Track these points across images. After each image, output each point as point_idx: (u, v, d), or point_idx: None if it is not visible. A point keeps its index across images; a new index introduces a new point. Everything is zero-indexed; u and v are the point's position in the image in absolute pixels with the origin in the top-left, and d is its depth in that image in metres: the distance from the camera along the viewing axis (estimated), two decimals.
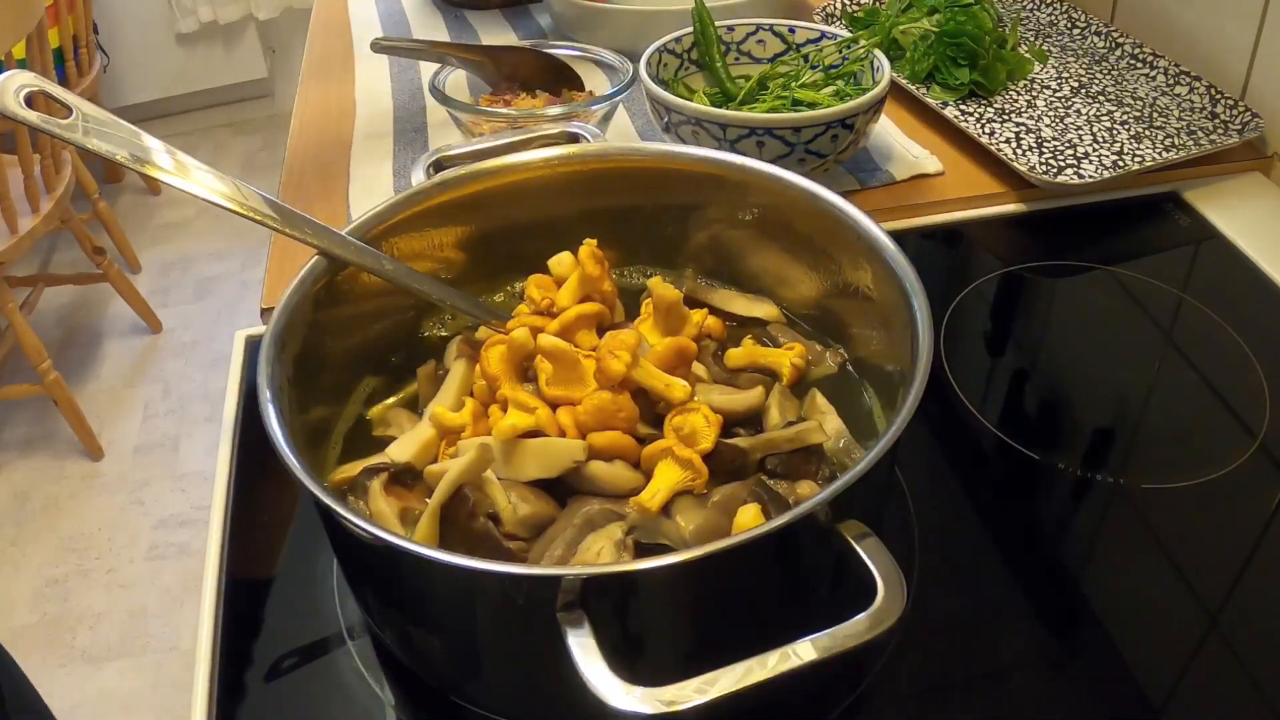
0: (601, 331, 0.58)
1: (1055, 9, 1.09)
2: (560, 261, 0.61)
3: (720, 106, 0.86)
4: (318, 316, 0.55)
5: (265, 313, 0.77)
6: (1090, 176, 0.83)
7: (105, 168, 2.80)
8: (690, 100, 0.81)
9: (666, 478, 0.50)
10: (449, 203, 0.62)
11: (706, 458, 0.51)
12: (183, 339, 2.39)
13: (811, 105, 0.83)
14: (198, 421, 2.16)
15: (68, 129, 0.49)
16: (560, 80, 0.96)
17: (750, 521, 0.48)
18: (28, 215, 1.93)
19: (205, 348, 2.36)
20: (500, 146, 0.67)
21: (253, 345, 0.74)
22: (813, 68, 0.88)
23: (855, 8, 1.10)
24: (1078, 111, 0.92)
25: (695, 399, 0.54)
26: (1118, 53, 1.00)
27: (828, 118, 0.76)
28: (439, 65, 0.94)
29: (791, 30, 0.91)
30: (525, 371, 0.56)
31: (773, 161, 0.66)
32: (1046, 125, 0.90)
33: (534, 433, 0.52)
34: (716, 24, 0.91)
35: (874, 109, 0.79)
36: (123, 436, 2.12)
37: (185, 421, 2.16)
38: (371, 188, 0.89)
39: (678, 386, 0.53)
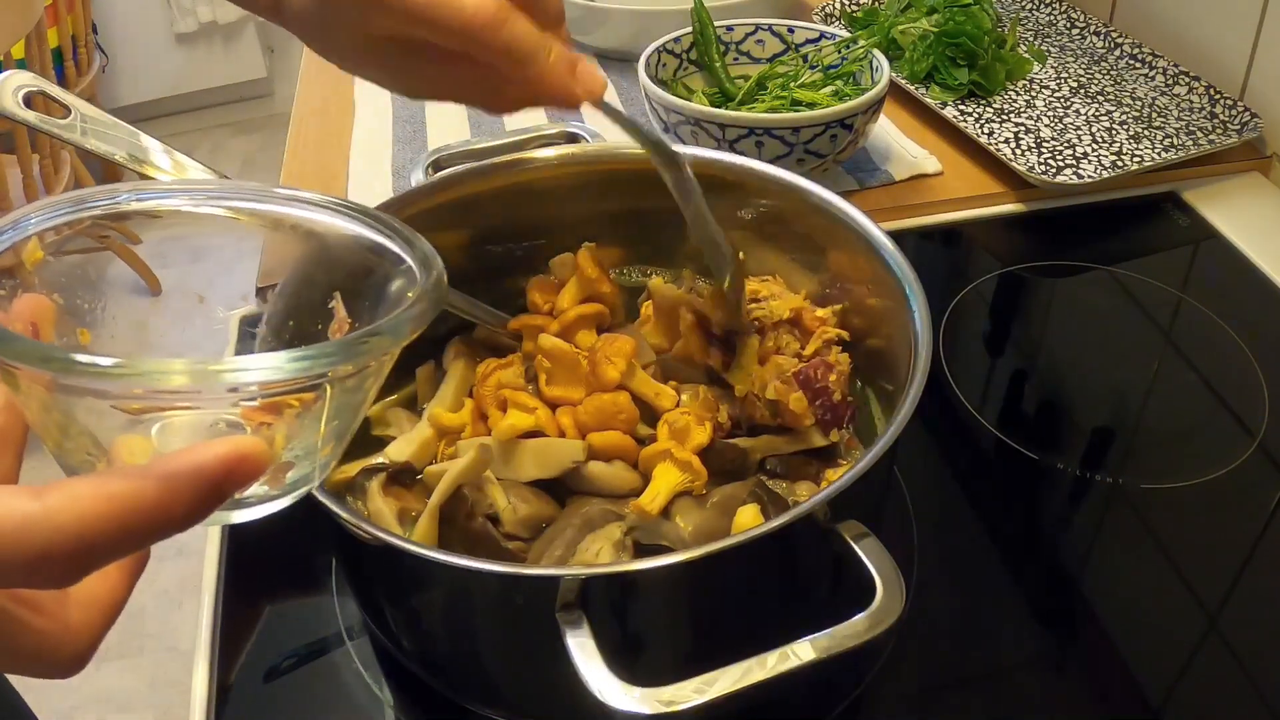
0: (601, 332, 0.58)
1: (1054, 9, 1.09)
2: (562, 263, 0.61)
3: (719, 106, 0.86)
4: None
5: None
6: (1089, 176, 0.83)
7: (104, 168, 2.79)
8: (689, 100, 0.81)
9: (666, 480, 0.50)
10: (448, 203, 0.62)
11: (705, 458, 0.51)
12: None
13: (810, 105, 0.83)
14: None
15: (66, 129, 0.49)
16: None
17: (749, 522, 0.48)
18: None
19: None
20: (499, 146, 0.67)
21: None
22: (812, 68, 0.88)
23: (854, 8, 1.10)
24: (1077, 111, 0.92)
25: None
26: (1117, 53, 1.00)
27: (827, 118, 0.76)
28: None
29: (791, 30, 0.91)
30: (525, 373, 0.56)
31: (772, 162, 0.66)
32: (1045, 125, 0.90)
33: (534, 433, 0.52)
34: (716, 24, 0.91)
35: (873, 109, 0.79)
36: None
37: None
38: (370, 188, 0.89)
39: (666, 395, 0.54)
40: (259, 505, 0.31)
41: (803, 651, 0.38)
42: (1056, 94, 0.95)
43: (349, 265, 0.36)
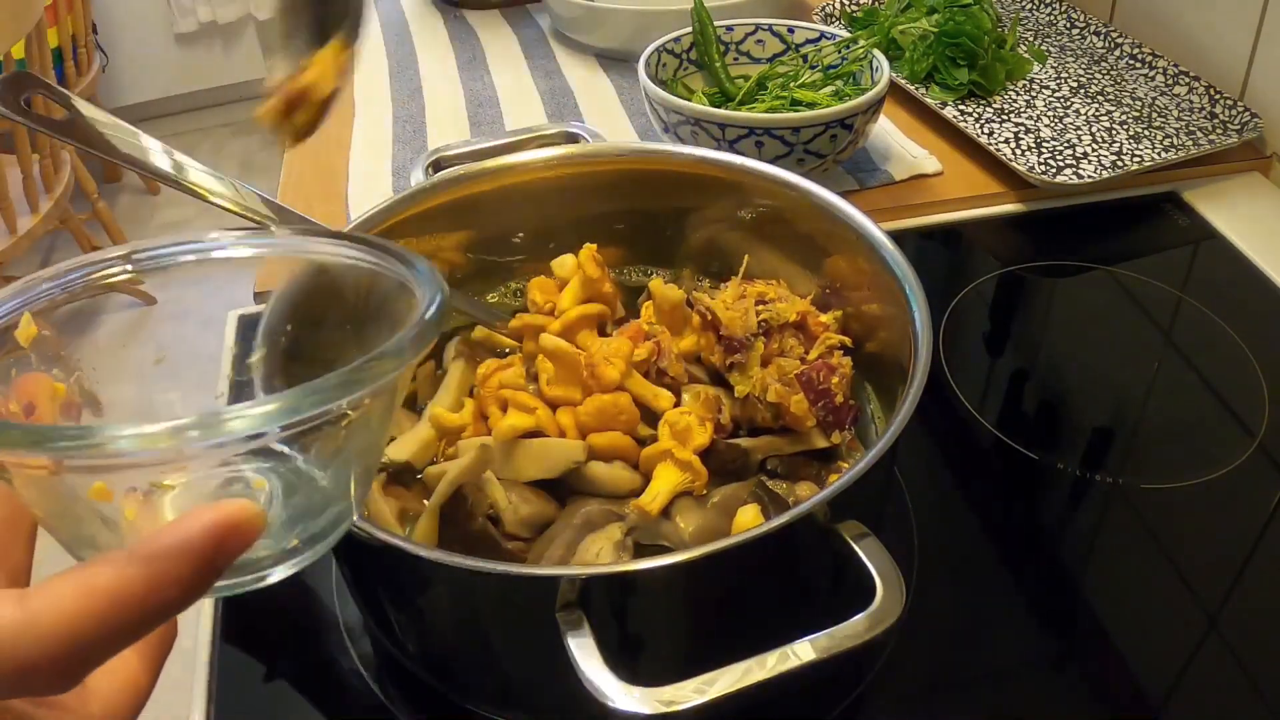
0: (602, 332, 0.59)
1: (1054, 9, 1.09)
2: (563, 264, 0.61)
3: (719, 106, 0.86)
4: None
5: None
6: (1089, 176, 0.83)
7: (104, 168, 2.80)
8: (689, 100, 0.81)
9: (666, 480, 0.50)
10: (448, 203, 0.62)
11: (706, 458, 0.51)
12: None
13: (810, 105, 0.83)
14: None
15: (66, 129, 0.49)
16: None
17: (749, 522, 0.47)
18: (26, 215, 1.93)
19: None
20: (499, 146, 0.67)
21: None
22: (812, 68, 0.88)
23: (854, 8, 1.10)
24: (1077, 111, 0.92)
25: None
26: (1117, 53, 1.00)
27: (827, 118, 0.76)
28: None
29: (790, 30, 0.91)
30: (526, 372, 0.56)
31: (772, 162, 0.66)
32: (1045, 125, 0.90)
33: (534, 433, 0.52)
34: (716, 24, 0.91)
35: (873, 109, 0.79)
36: None
37: None
38: (370, 187, 0.89)
39: (665, 396, 0.54)
40: (276, 566, 0.29)
41: (802, 651, 0.38)
42: (1056, 94, 0.95)
43: (349, 284, 0.36)
